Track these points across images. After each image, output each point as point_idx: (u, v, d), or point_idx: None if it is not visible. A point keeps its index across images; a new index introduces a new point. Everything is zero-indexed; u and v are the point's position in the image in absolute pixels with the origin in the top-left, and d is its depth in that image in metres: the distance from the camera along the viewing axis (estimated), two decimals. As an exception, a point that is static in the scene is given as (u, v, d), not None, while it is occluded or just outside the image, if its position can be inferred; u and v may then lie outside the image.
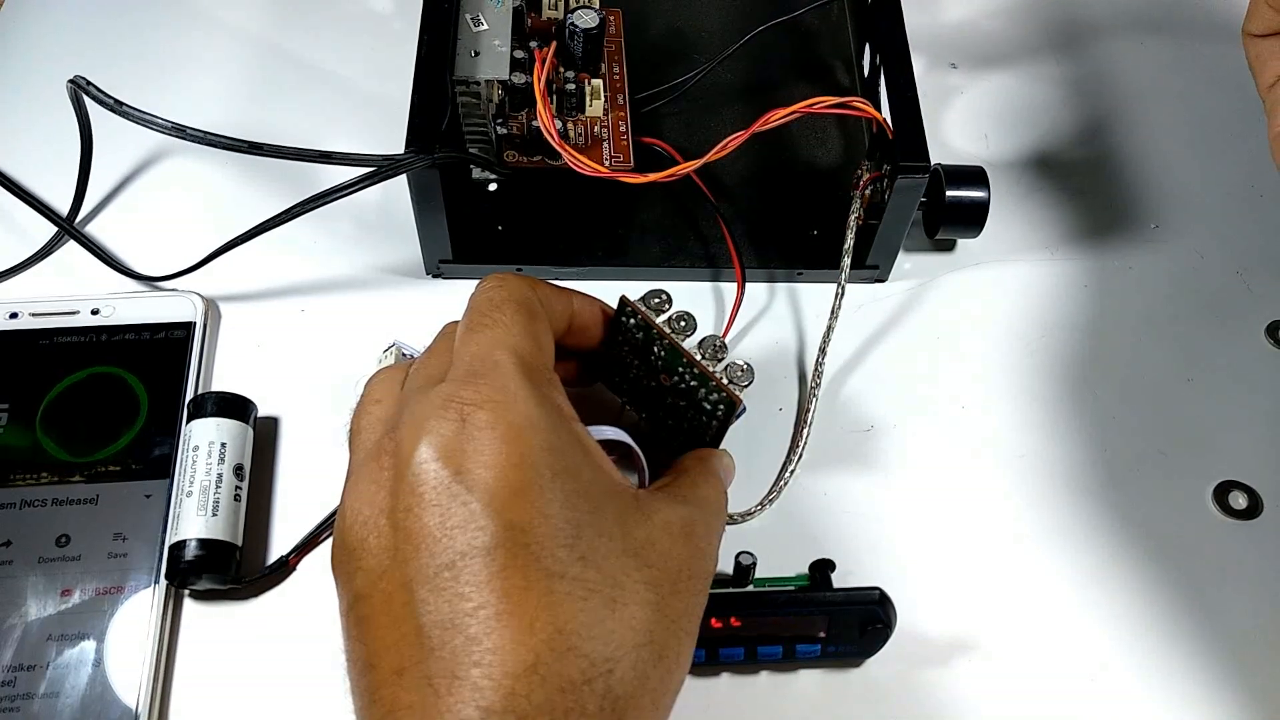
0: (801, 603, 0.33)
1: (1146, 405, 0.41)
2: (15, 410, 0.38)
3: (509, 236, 0.43)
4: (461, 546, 0.24)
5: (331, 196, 0.37)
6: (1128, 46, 0.52)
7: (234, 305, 0.42)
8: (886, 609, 0.33)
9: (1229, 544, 0.38)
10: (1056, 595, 0.37)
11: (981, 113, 0.49)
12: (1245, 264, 0.45)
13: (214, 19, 0.50)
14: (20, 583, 0.35)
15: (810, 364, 0.41)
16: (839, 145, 0.47)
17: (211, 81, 0.48)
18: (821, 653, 0.34)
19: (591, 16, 0.40)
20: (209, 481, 0.35)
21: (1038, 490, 0.39)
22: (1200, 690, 0.35)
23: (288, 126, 0.47)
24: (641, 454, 0.34)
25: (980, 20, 0.53)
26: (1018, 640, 0.36)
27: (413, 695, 0.24)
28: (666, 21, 0.50)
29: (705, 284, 0.43)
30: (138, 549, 0.36)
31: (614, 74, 0.43)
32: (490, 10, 0.39)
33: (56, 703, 0.33)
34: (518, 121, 0.40)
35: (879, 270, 0.43)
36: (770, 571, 0.36)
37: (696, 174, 0.41)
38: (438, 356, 0.29)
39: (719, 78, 0.48)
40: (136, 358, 0.40)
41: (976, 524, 0.38)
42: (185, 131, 0.35)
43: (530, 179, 0.42)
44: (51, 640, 0.34)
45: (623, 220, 0.44)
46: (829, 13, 0.50)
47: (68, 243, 0.43)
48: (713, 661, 0.34)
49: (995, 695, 0.35)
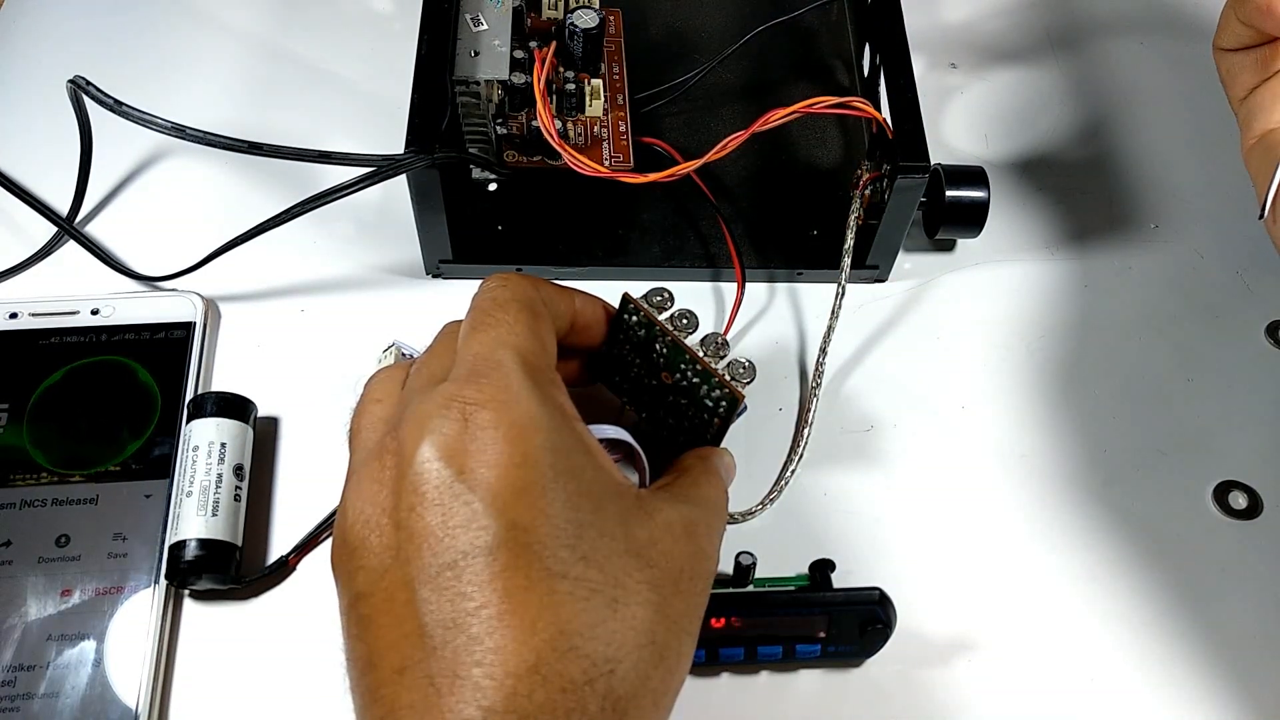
0: (801, 603, 0.33)
1: (1146, 405, 0.41)
2: (15, 410, 0.38)
3: (509, 236, 0.43)
4: (464, 546, 0.25)
5: (331, 196, 0.37)
6: (1128, 46, 0.52)
7: (234, 305, 0.42)
8: (886, 609, 0.33)
9: (1229, 544, 0.38)
10: (1056, 595, 0.37)
11: (981, 113, 0.49)
12: (1245, 264, 0.45)
13: (214, 19, 0.50)
14: (20, 583, 0.35)
15: (810, 364, 0.41)
16: (839, 145, 0.47)
17: (211, 81, 0.48)
18: (821, 653, 0.34)
19: (591, 16, 0.40)
20: (209, 481, 0.35)
21: (1038, 490, 0.39)
22: (1200, 690, 0.35)
23: (287, 126, 0.47)
24: (643, 453, 0.34)
25: (980, 20, 0.53)
26: (1018, 640, 0.36)
27: (414, 694, 0.24)
28: (666, 21, 0.50)
29: (705, 284, 0.43)
30: (138, 549, 0.36)
31: (614, 74, 0.43)
32: (490, 10, 0.39)
33: (56, 703, 0.33)
34: (517, 121, 0.40)
35: (879, 270, 0.43)
36: (770, 571, 0.36)
37: (696, 174, 0.41)
38: (440, 356, 0.29)
39: (719, 78, 0.48)
40: (137, 357, 0.40)
41: (976, 524, 0.38)
42: (185, 131, 0.35)
43: (530, 179, 0.42)
44: (51, 640, 0.34)
45: (623, 220, 0.44)
46: (829, 13, 0.50)
47: (67, 243, 0.43)
48: (713, 661, 0.34)
49: (995, 695, 0.35)
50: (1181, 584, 0.37)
